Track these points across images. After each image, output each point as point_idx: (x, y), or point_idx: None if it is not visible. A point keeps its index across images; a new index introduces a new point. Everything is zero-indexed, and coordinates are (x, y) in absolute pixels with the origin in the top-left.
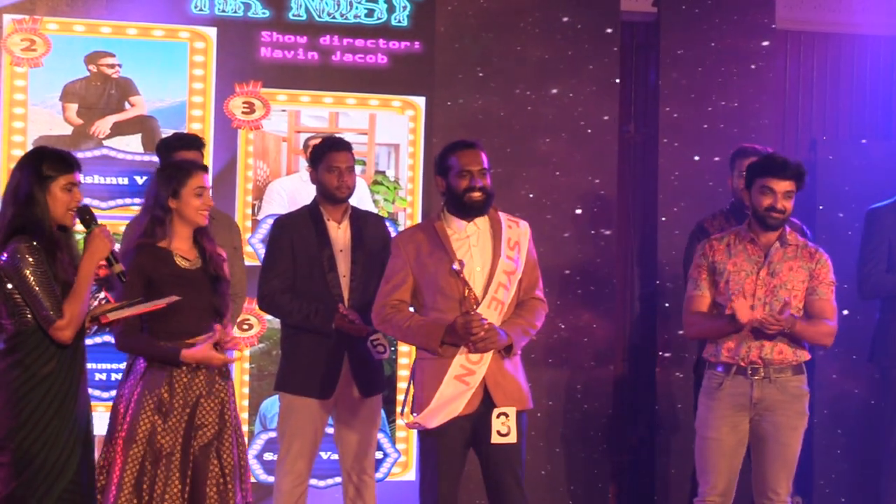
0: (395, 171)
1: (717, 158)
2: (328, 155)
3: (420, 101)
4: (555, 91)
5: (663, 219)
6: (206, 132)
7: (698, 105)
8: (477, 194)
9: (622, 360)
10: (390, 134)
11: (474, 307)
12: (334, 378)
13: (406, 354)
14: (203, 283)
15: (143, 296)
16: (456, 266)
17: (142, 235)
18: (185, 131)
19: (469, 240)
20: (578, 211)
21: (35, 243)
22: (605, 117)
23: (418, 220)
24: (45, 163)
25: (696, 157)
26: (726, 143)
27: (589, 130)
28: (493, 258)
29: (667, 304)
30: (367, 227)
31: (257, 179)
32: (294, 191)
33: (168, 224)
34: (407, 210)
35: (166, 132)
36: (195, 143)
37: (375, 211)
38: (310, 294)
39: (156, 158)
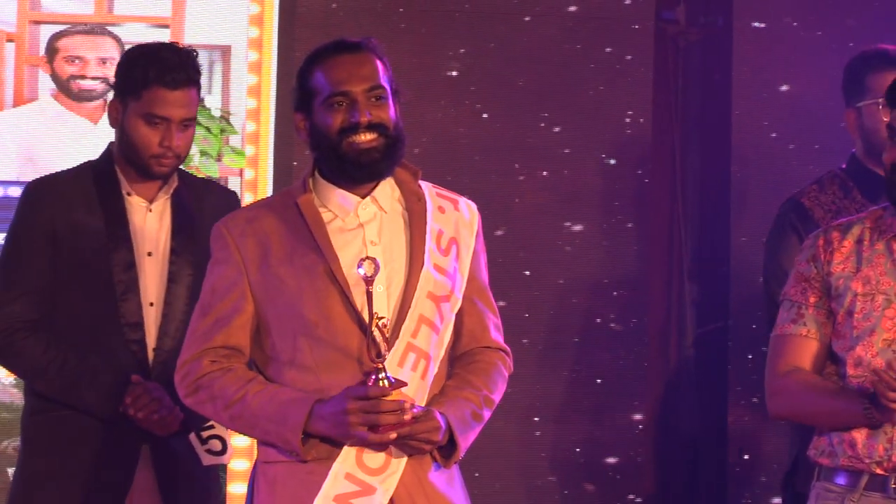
0: (223, 99)
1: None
2: (152, 90)
3: None
4: None
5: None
6: None
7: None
8: (365, 137)
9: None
10: (213, 26)
11: (382, 365)
12: (118, 499)
13: (240, 453)
14: None
15: None
16: (364, 269)
17: None
18: None
19: (364, 230)
20: (602, 156)
21: None
22: None
23: (267, 191)
24: None
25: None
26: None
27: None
28: (408, 268)
29: (749, 356)
30: (205, 210)
31: None
32: (31, 137)
33: None
34: (246, 173)
35: None
36: None
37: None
38: (84, 334)
39: None
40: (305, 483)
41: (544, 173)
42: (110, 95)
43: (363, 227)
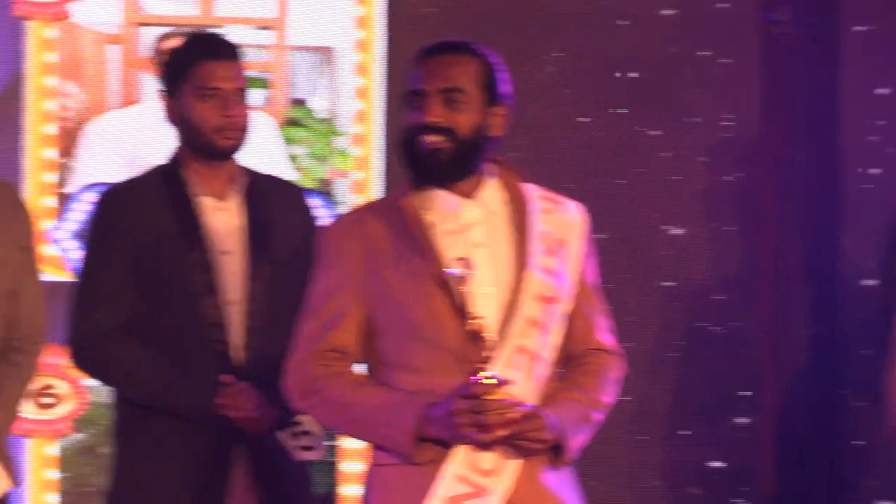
0: (330, 101)
1: None
2: (198, 67)
3: None
4: None
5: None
6: None
7: None
8: (430, 138)
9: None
10: (318, 29)
11: (485, 364)
12: (217, 500)
13: (357, 454)
14: None
15: None
16: (456, 270)
17: None
18: None
19: (469, 233)
20: (703, 159)
21: None
22: None
23: (375, 193)
24: None
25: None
26: None
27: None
28: (514, 269)
29: (860, 357)
30: (279, 208)
31: (65, 118)
32: (135, 139)
33: None
34: (352, 175)
35: None
36: None
37: (293, 177)
38: (168, 338)
39: None
40: (419, 486)
41: (644, 178)
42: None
43: (468, 228)
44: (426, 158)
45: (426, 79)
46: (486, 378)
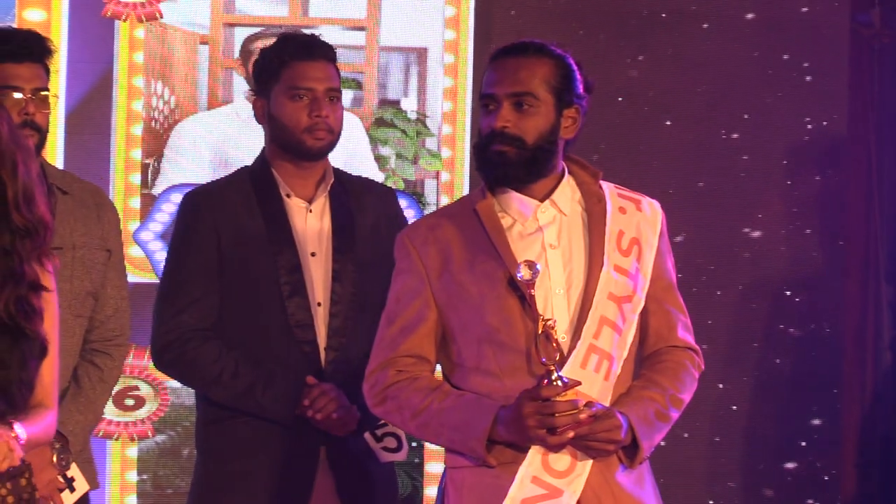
0: (419, 102)
1: None
2: (290, 67)
3: None
4: None
5: None
6: (52, 28)
7: None
8: (496, 147)
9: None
10: (410, 29)
11: (553, 366)
12: (301, 502)
13: (441, 456)
14: None
15: None
16: (522, 273)
17: None
18: (13, 26)
19: (543, 234)
20: (784, 162)
21: None
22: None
23: (463, 194)
24: None
25: None
26: None
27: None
28: (588, 269)
29: None
30: (364, 209)
31: (153, 118)
32: (224, 140)
33: None
34: (442, 176)
35: None
36: (32, 45)
37: (381, 178)
38: (255, 339)
39: None
40: (492, 487)
41: (723, 179)
42: None
43: (542, 230)
44: (496, 164)
45: (496, 83)
46: (554, 380)
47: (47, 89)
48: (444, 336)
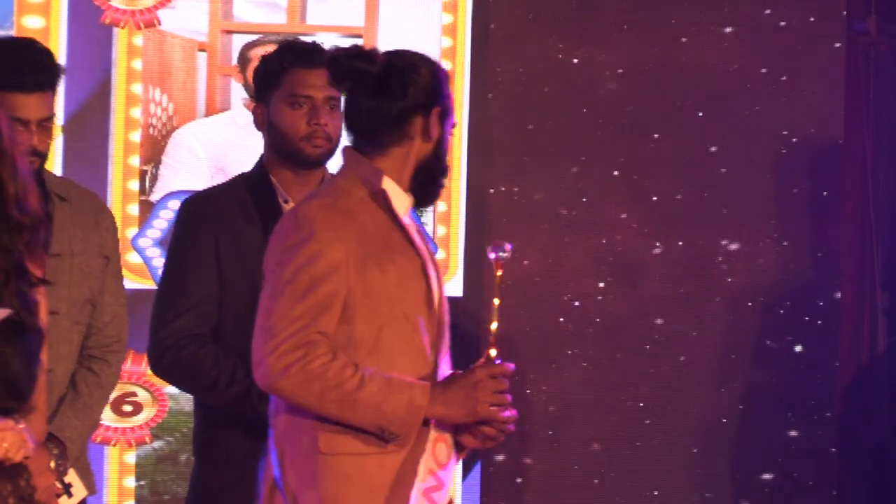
0: None
1: None
2: (290, 74)
3: None
4: None
5: None
6: (51, 35)
7: None
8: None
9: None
10: (407, 36)
11: (495, 348)
12: None
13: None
14: None
15: None
16: (502, 252)
17: None
18: (13, 34)
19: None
20: (767, 176)
21: None
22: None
23: (460, 199)
24: None
25: None
26: None
27: (796, 25)
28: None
29: None
30: None
31: (151, 125)
32: (222, 146)
33: None
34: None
35: None
36: (44, 78)
37: None
38: (247, 346)
39: None
40: (375, 476)
41: (701, 192)
42: None
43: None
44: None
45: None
46: (494, 359)
47: (54, 115)
48: (343, 316)
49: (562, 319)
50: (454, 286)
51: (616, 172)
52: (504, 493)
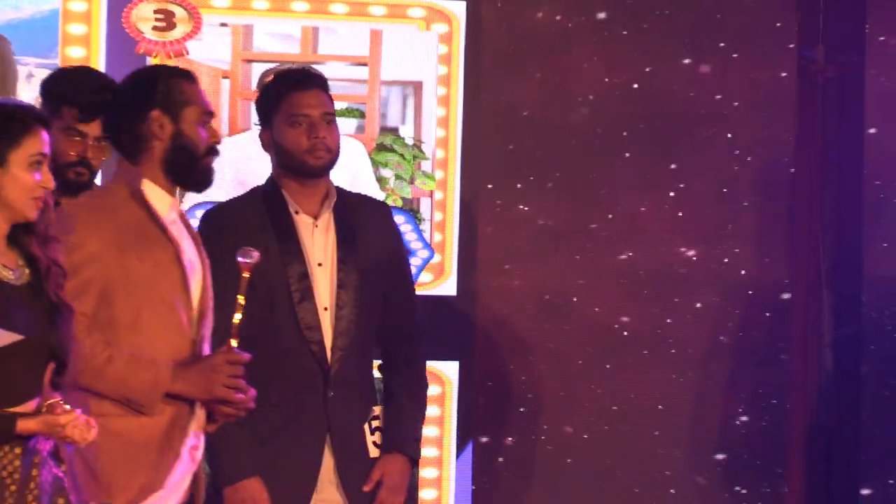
0: (416, 129)
1: None
2: (287, 98)
3: (458, 9)
4: None
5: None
6: (91, 63)
7: None
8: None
9: (801, 458)
10: (407, 65)
11: (236, 338)
12: (308, 485)
13: (432, 462)
14: (34, 309)
15: None
16: (249, 258)
17: None
18: (73, 68)
19: (180, 225)
20: (724, 190)
21: None
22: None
23: (454, 209)
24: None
25: None
26: None
27: (747, 55)
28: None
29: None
30: (362, 225)
31: None
32: (243, 162)
33: None
34: (435, 195)
35: (25, 63)
36: (102, 105)
37: (382, 197)
38: (270, 340)
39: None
40: (141, 434)
41: (661, 205)
42: None
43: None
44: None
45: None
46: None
47: (107, 137)
48: (103, 296)
49: (540, 316)
50: (448, 287)
51: (587, 187)
52: (487, 470)
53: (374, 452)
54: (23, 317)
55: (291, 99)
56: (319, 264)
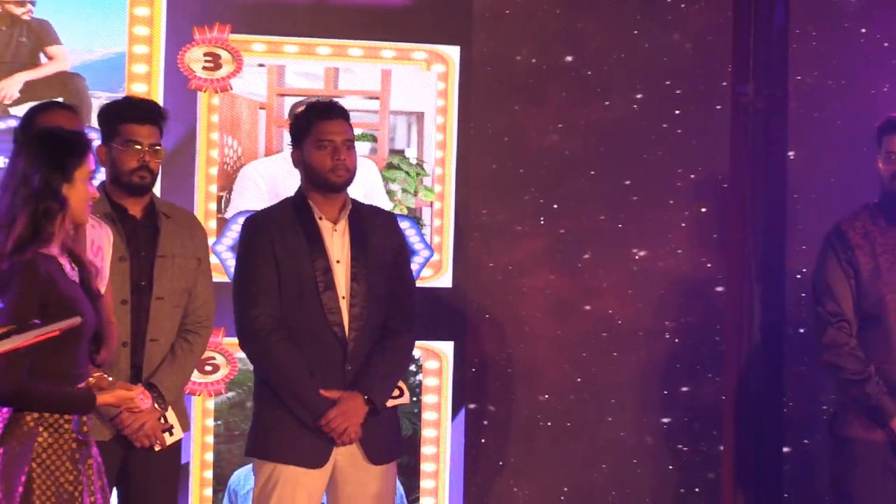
0: (419, 151)
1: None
2: (315, 126)
3: (454, 52)
4: (639, 32)
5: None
6: (152, 96)
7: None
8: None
9: (733, 422)
10: (411, 98)
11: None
12: (330, 439)
13: (433, 407)
14: (87, 301)
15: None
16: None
17: (21, 235)
18: (129, 95)
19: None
20: (670, 202)
21: None
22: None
23: (450, 216)
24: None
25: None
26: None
27: (688, 91)
28: None
29: (800, 332)
30: (372, 230)
31: (225, 162)
32: (277, 178)
33: (60, 221)
34: (435, 205)
35: (97, 96)
36: (154, 113)
37: (390, 207)
38: (301, 323)
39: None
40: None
41: (618, 214)
42: None
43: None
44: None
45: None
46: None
47: (160, 145)
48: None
49: (519, 304)
50: (445, 280)
51: (557, 200)
52: (476, 430)
53: (391, 403)
54: (87, 307)
55: (319, 126)
56: (338, 261)
